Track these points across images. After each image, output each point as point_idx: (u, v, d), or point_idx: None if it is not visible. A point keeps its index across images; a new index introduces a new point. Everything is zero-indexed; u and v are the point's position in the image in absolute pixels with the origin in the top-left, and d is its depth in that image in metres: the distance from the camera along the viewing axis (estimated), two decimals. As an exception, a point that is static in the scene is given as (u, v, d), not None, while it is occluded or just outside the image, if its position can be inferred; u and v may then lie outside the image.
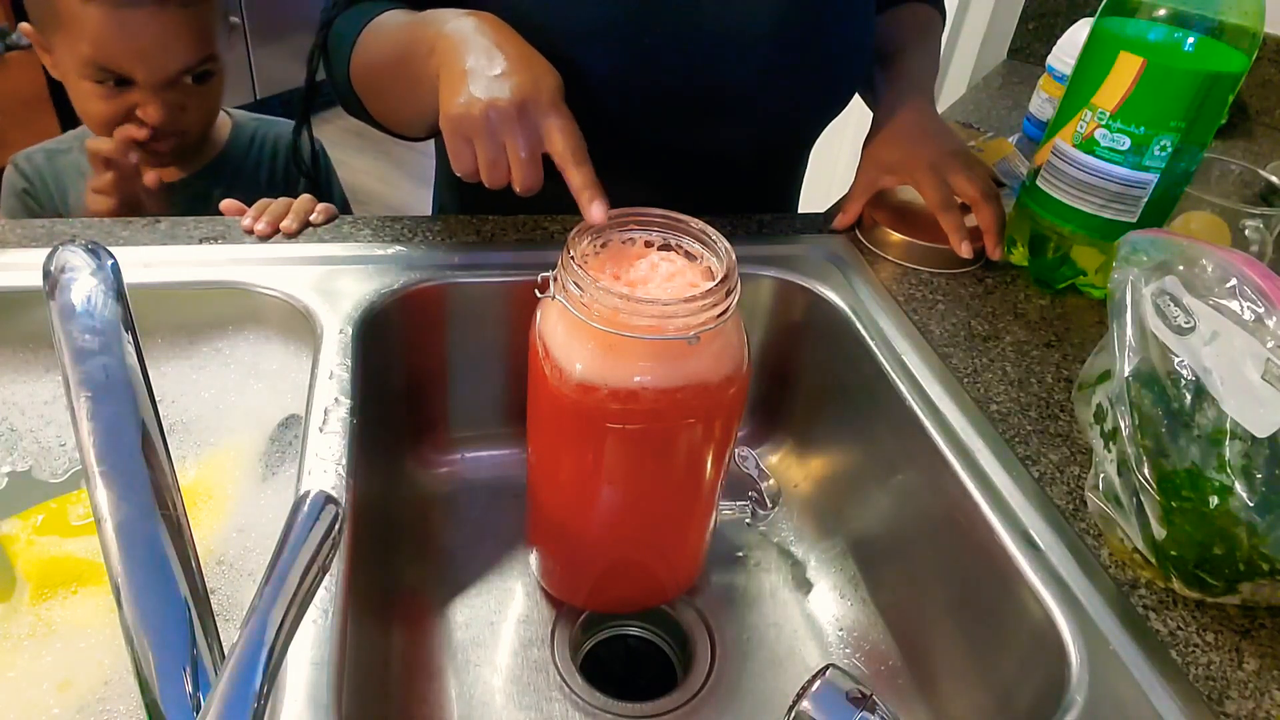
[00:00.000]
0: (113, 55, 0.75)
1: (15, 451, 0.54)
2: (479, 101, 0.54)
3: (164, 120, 0.79)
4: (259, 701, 0.26)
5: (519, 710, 0.54)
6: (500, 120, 0.54)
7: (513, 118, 0.54)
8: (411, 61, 0.61)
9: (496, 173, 0.56)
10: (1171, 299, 0.47)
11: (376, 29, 0.66)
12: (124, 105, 0.79)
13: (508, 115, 0.54)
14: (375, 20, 0.67)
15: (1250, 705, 0.41)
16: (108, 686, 0.42)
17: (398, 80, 0.65)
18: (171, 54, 0.77)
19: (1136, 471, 0.45)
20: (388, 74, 0.66)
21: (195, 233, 0.66)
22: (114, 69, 0.76)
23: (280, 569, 0.29)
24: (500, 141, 0.55)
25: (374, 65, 0.67)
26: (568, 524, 0.54)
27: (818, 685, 0.34)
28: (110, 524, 0.30)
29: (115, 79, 0.77)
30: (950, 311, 0.66)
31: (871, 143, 0.76)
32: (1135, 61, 0.58)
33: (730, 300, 0.43)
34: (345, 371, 0.54)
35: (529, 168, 0.56)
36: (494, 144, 0.55)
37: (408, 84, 0.63)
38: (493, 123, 0.54)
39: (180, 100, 0.80)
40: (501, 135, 0.55)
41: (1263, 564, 0.41)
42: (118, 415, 0.32)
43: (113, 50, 0.75)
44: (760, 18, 0.68)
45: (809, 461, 0.72)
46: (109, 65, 0.76)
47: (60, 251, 0.37)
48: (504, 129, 0.54)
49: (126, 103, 0.78)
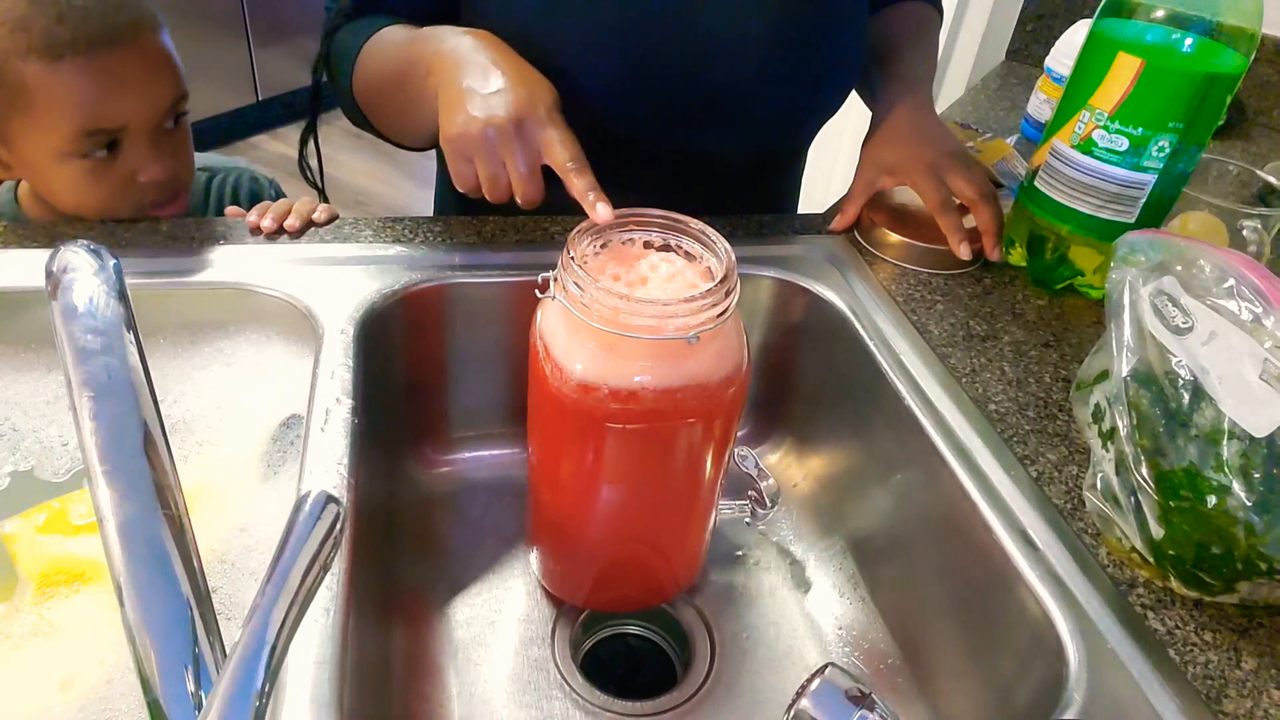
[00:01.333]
0: (102, 108, 0.66)
1: (17, 451, 0.54)
2: (477, 120, 0.55)
3: (165, 172, 0.71)
4: (261, 700, 0.27)
5: (519, 709, 0.54)
6: (499, 137, 0.55)
7: (510, 134, 0.55)
8: (411, 80, 0.62)
9: (498, 188, 0.58)
10: (1169, 299, 0.47)
11: (378, 44, 0.67)
12: (121, 174, 0.70)
13: (505, 132, 0.55)
14: (376, 36, 0.68)
15: (1248, 704, 0.41)
16: (110, 685, 0.43)
17: (398, 98, 0.66)
18: (156, 89, 0.69)
19: (1134, 471, 0.45)
20: (388, 91, 0.67)
21: (197, 234, 0.66)
22: (106, 126, 0.67)
23: (282, 568, 0.29)
24: (500, 158, 0.56)
25: (375, 82, 0.68)
26: (568, 523, 0.54)
27: (817, 684, 0.34)
28: (112, 523, 0.30)
29: (104, 141, 0.68)
30: (949, 312, 0.66)
31: (869, 144, 0.77)
32: (1133, 62, 0.59)
33: (730, 300, 0.44)
34: (346, 371, 0.54)
35: (529, 182, 0.57)
36: (494, 161, 0.56)
37: (408, 101, 0.64)
38: (491, 141, 0.55)
39: (171, 147, 0.72)
40: (501, 152, 0.56)
41: (1260, 563, 0.41)
42: (120, 415, 0.32)
43: (101, 102, 0.66)
44: (755, 21, 0.68)
45: (808, 461, 0.72)
46: (100, 123, 0.66)
47: (62, 252, 0.37)
48: (503, 146, 0.55)
49: (123, 170, 0.70)
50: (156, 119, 0.70)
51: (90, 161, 0.68)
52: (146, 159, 0.70)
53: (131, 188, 0.71)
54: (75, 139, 0.67)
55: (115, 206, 0.71)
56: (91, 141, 0.67)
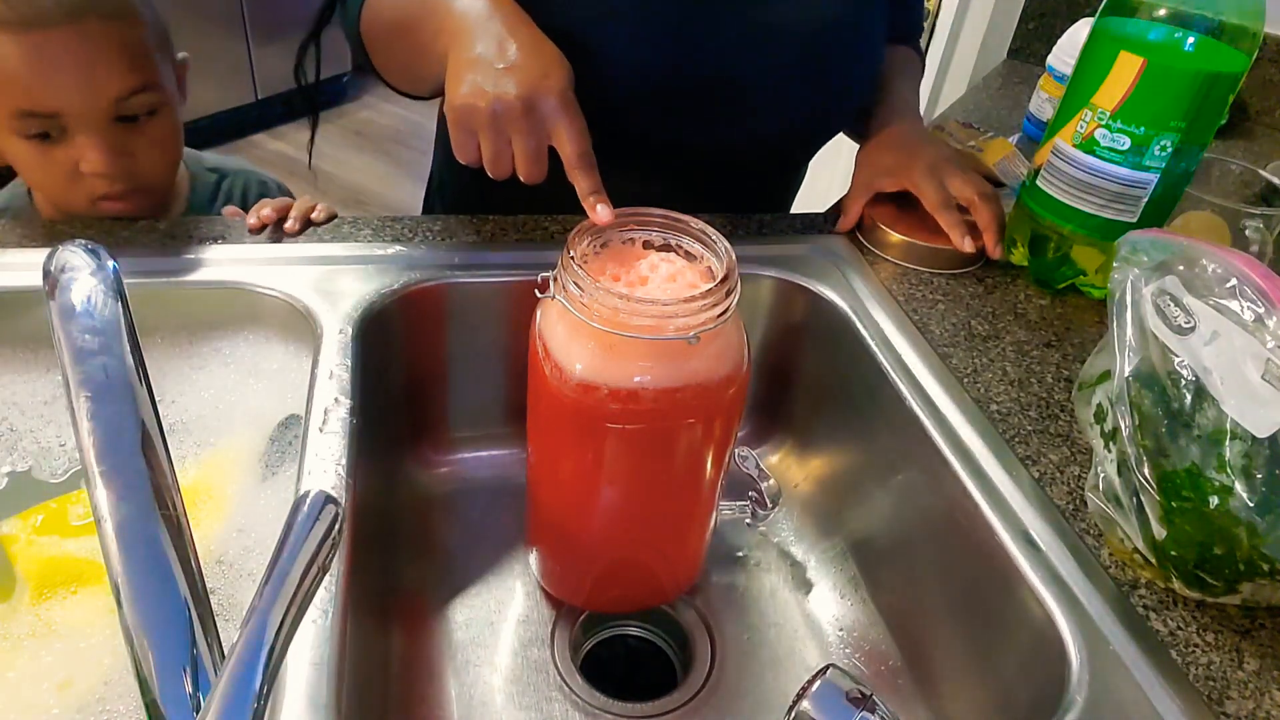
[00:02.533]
0: (33, 89, 0.64)
1: (15, 451, 0.54)
2: (486, 94, 0.53)
3: (107, 165, 0.67)
4: (259, 701, 0.26)
5: (519, 710, 0.54)
6: (506, 115, 0.53)
7: (519, 113, 0.53)
8: (419, 33, 0.60)
9: (500, 166, 0.56)
10: (1171, 299, 0.47)
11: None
12: (65, 162, 0.67)
13: (514, 110, 0.53)
14: None
15: (1250, 705, 0.41)
16: (108, 686, 0.42)
17: (404, 47, 0.64)
18: (98, 77, 0.65)
19: (1136, 471, 0.45)
20: (394, 38, 0.65)
21: (196, 233, 0.66)
22: (39, 108, 0.65)
23: (280, 569, 0.29)
24: (506, 136, 0.54)
25: (382, 25, 0.66)
26: (568, 524, 0.54)
27: (818, 685, 0.34)
28: (110, 524, 0.30)
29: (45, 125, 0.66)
30: (950, 311, 0.66)
31: (866, 150, 0.78)
32: (1135, 61, 0.58)
33: (730, 300, 0.43)
34: (345, 371, 0.54)
35: (534, 163, 0.55)
36: (499, 139, 0.54)
37: (414, 53, 0.62)
38: (498, 117, 0.53)
39: (122, 143, 0.68)
40: (507, 130, 0.54)
41: (1263, 564, 0.41)
42: (118, 415, 0.32)
43: (33, 84, 0.64)
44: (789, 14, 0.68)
45: (809, 461, 0.72)
46: (32, 106, 0.65)
47: (60, 252, 0.37)
48: (510, 124, 0.53)
49: (67, 158, 0.67)
50: (99, 109, 0.67)
51: (34, 144, 0.67)
52: (88, 150, 0.67)
53: (78, 179, 0.69)
54: (10, 117, 0.65)
55: (64, 196, 0.70)
56: (28, 124, 0.66)
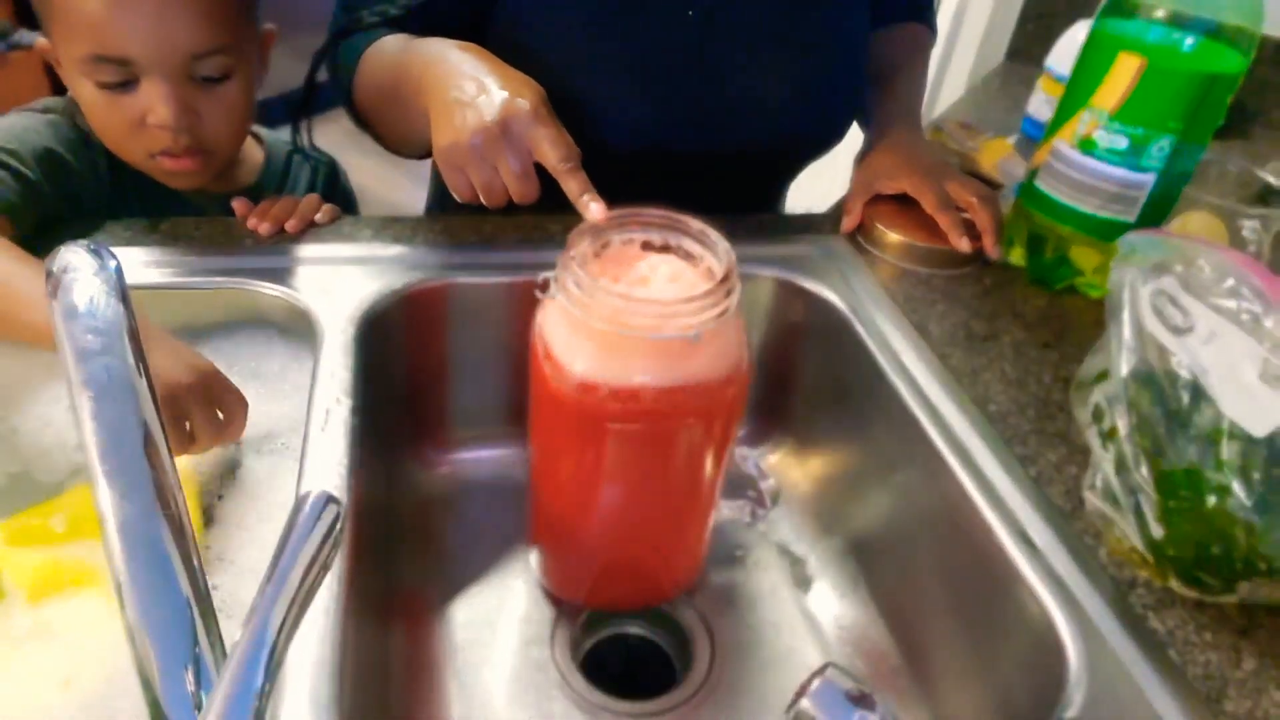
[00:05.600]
0: (108, 37, 0.64)
1: (15, 452, 0.54)
2: (465, 130, 0.55)
3: (174, 119, 0.67)
4: (260, 700, 0.27)
5: (519, 709, 0.54)
6: (487, 143, 0.55)
7: (498, 137, 0.55)
8: (402, 94, 0.63)
9: (494, 194, 0.58)
10: (1169, 299, 0.47)
11: (376, 54, 0.68)
12: (132, 111, 0.67)
13: (493, 136, 0.55)
14: (374, 45, 0.68)
15: (1248, 704, 0.41)
16: (110, 685, 0.43)
17: (394, 111, 0.67)
18: (173, 32, 0.65)
19: (1134, 471, 0.45)
20: (384, 105, 0.68)
21: (197, 233, 0.66)
22: (111, 54, 0.65)
23: (282, 568, 0.29)
24: (491, 164, 0.56)
25: (372, 94, 0.69)
26: (568, 523, 0.54)
27: (817, 684, 0.34)
28: (113, 523, 0.30)
29: (117, 72, 0.66)
30: (949, 312, 0.66)
31: (865, 154, 0.80)
32: (1134, 62, 0.59)
33: (730, 300, 0.44)
34: (346, 371, 0.54)
35: (523, 182, 0.57)
36: (486, 168, 0.57)
37: (401, 114, 0.65)
38: (479, 148, 0.55)
39: (192, 99, 0.68)
40: (492, 157, 0.56)
41: (1260, 563, 0.41)
42: (120, 415, 0.32)
43: (108, 31, 0.64)
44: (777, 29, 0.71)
45: (809, 461, 0.72)
46: (105, 51, 0.64)
47: (62, 252, 0.37)
48: (492, 151, 0.56)
49: (134, 107, 0.67)
50: (172, 63, 0.66)
51: (105, 92, 0.67)
52: (157, 102, 0.67)
53: (142, 129, 0.68)
54: (84, 61, 0.65)
55: (125, 144, 0.70)
56: (100, 69, 0.65)
